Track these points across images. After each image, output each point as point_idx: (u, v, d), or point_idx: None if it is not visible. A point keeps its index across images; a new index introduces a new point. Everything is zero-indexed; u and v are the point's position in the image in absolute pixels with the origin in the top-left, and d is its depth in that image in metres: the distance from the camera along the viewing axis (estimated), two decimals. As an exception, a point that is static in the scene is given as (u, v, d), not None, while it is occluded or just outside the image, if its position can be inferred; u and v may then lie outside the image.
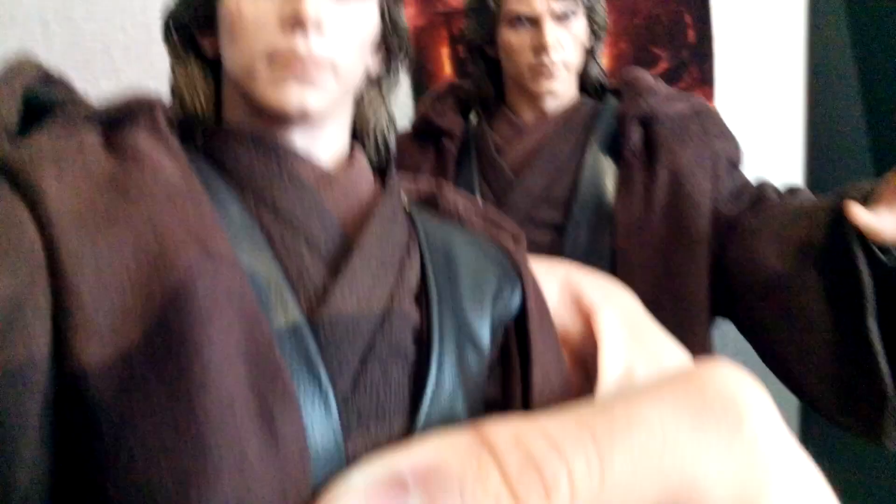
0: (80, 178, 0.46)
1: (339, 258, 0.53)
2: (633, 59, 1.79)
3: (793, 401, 0.98)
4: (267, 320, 0.43)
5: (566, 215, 1.08)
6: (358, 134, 0.67)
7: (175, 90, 0.63)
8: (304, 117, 0.57)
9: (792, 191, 1.07)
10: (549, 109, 1.13)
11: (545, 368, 0.59)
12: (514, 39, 1.09)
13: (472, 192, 1.10)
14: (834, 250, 0.88)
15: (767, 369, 0.99)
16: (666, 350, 0.67)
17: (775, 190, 1.07)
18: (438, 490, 0.21)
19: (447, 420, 0.50)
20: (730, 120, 1.65)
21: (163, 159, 0.49)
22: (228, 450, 0.38)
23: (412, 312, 0.54)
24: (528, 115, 1.15)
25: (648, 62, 1.77)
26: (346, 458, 0.44)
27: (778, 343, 0.94)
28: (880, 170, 1.55)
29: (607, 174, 1.09)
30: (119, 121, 0.52)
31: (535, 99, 1.13)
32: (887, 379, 0.82)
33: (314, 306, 0.49)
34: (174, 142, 0.53)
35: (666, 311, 1.02)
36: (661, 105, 1.08)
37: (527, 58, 1.08)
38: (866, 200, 0.86)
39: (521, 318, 0.60)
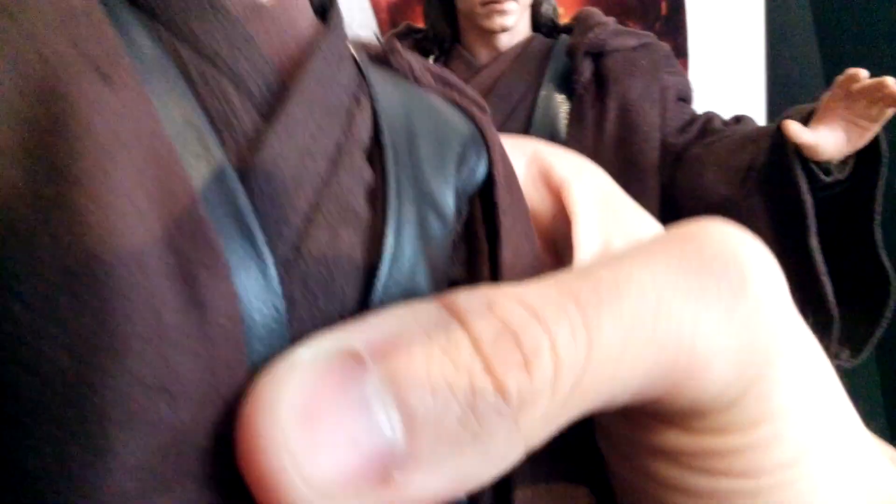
0: None
1: (275, 103, 0.44)
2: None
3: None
4: (185, 167, 0.36)
5: None
6: None
7: None
8: None
9: (738, 119, 1.10)
10: (502, 46, 1.15)
11: (515, 243, 0.52)
12: None
13: None
14: (776, 172, 0.90)
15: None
16: (642, 222, 0.68)
17: (722, 120, 1.10)
18: (400, 365, 0.18)
19: (408, 294, 0.43)
20: (702, 90, 1.65)
21: None
22: (140, 317, 0.28)
23: (364, 169, 0.46)
24: (482, 54, 1.17)
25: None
26: (289, 335, 0.37)
27: None
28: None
29: (560, 109, 1.11)
30: None
31: (488, 36, 1.14)
32: (830, 296, 0.84)
33: (245, 154, 0.41)
34: None
35: None
36: (610, 38, 1.10)
37: None
38: (807, 121, 0.88)
39: (488, 189, 0.53)
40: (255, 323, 0.37)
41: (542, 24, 1.19)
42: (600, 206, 0.63)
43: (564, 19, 1.26)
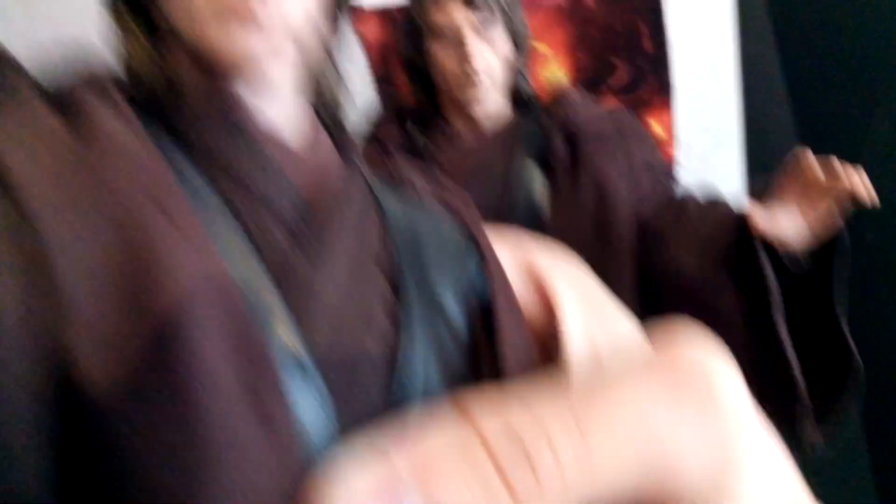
0: (48, 159, 0.45)
1: (315, 242, 0.52)
2: (592, 69, 1.82)
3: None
4: (246, 303, 0.44)
5: (501, 222, 1.12)
6: (316, 109, 0.65)
7: (119, 57, 0.60)
8: (248, 63, 0.55)
9: (711, 200, 1.14)
10: (480, 119, 1.21)
11: (512, 338, 0.58)
12: (440, 51, 1.17)
13: None
14: (741, 253, 0.94)
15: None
16: (618, 318, 0.72)
17: (689, 193, 1.15)
18: (436, 486, 0.22)
19: (424, 390, 0.52)
20: (688, 128, 1.67)
21: (125, 136, 0.48)
22: (228, 444, 0.39)
23: (384, 285, 0.54)
24: (462, 127, 1.22)
25: (607, 72, 1.79)
26: (335, 435, 0.46)
27: None
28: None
29: (538, 184, 1.16)
30: (70, 91, 0.51)
31: (465, 108, 1.20)
32: (798, 374, 0.88)
33: (297, 299, 0.50)
34: (127, 109, 0.51)
35: None
36: (581, 115, 1.16)
37: (452, 67, 1.16)
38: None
39: (484, 291, 0.60)
40: (309, 428, 0.43)
41: (519, 100, 1.24)
42: (581, 301, 0.66)
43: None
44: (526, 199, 1.14)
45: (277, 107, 0.59)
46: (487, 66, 1.16)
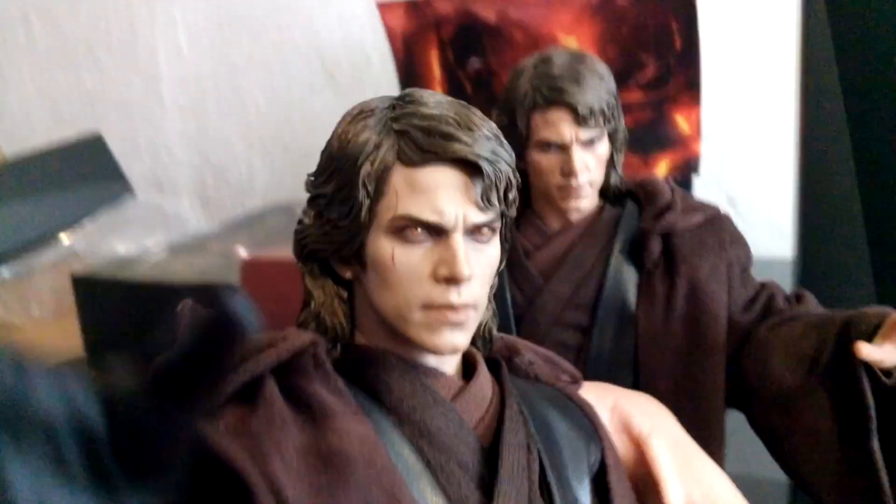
0: (295, 456, 0.62)
1: (485, 475, 0.70)
2: (621, 64, 1.81)
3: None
4: None
5: (592, 318, 1.17)
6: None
7: (312, 310, 0.73)
8: (453, 353, 0.71)
9: (798, 297, 1.17)
10: (573, 217, 1.19)
11: None
12: (544, 162, 1.14)
13: (504, 294, 1.17)
14: (840, 371, 0.98)
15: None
16: (713, 473, 0.88)
17: (784, 295, 1.18)
18: None
19: None
20: (717, 124, 1.69)
21: (348, 421, 0.65)
22: None
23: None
24: (554, 223, 1.21)
25: (635, 67, 1.79)
26: None
27: (786, 448, 1.07)
28: (863, 171, 1.60)
29: (629, 280, 1.17)
30: (290, 368, 0.66)
31: (561, 212, 1.18)
32: (888, 494, 0.93)
33: None
34: (336, 378, 0.68)
35: (685, 410, 1.12)
36: (678, 220, 1.16)
37: (555, 179, 1.14)
38: (871, 333, 0.94)
39: (601, 473, 0.79)
40: None
41: (609, 191, 1.23)
42: (677, 459, 0.83)
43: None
44: (618, 296, 1.16)
45: (455, 359, 0.75)
46: (591, 178, 1.14)
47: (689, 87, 1.75)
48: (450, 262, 0.65)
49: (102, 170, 2.32)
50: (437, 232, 0.66)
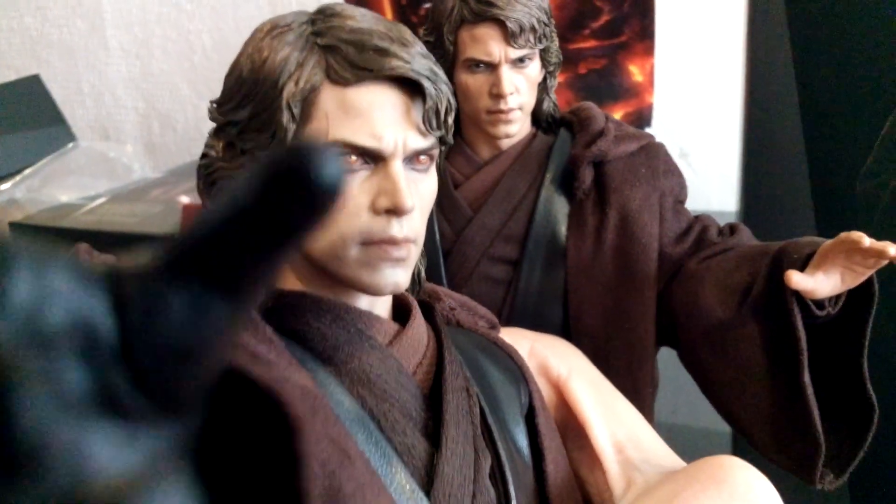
0: None
1: (428, 423, 0.67)
2: (575, 10, 1.78)
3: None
4: None
5: (521, 251, 1.13)
6: None
7: None
8: (394, 292, 0.66)
9: (732, 228, 1.15)
10: (504, 145, 1.16)
11: (554, 458, 0.77)
12: (472, 82, 1.09)
13: (431, 226, 1.13)
14: (772, 302, 0.96)
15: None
16: (629, 413, 0.88)
17: (717, 228, 1.15)
18: None
19: None
20: (671, 75, 1.66)
21: (284, 370, 0.56)
22: None
23: (488, 459, 0.70)
24: (483, 151, 1.17)
25: (590, 15, 1.76)
26: None
27: (717, 382, 1.05)
28: (809, 125, 1.60)
29: (561, 211, 1.14)
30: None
31: (491, 138, 1.14)
32: (819, 428, 0.92)
33: (425, 483, 0.64)
34: (270, 332, 0.60)
35: (616, 344, 1.12)
36: (611, 147, 1.12)
37: (484, 102, 1.09)
38: (804, 264, 0.92)
39: (531, 415, 0.78)
40: None
41: (542, 118, 1.19)
42: (598, 400, 0.83)
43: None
44: (548, 228, 1.13)
45: (388, 301, 0.70)
46: (521, 100, 1.10)
47: (644, 37, 1.73)
48: (391, 191, 0.60)
49: (42, 114, 2.27)
50: (375, 159, 0.61)
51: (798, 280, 0.89)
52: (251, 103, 0.61)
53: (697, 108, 1.82)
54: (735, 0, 1.76)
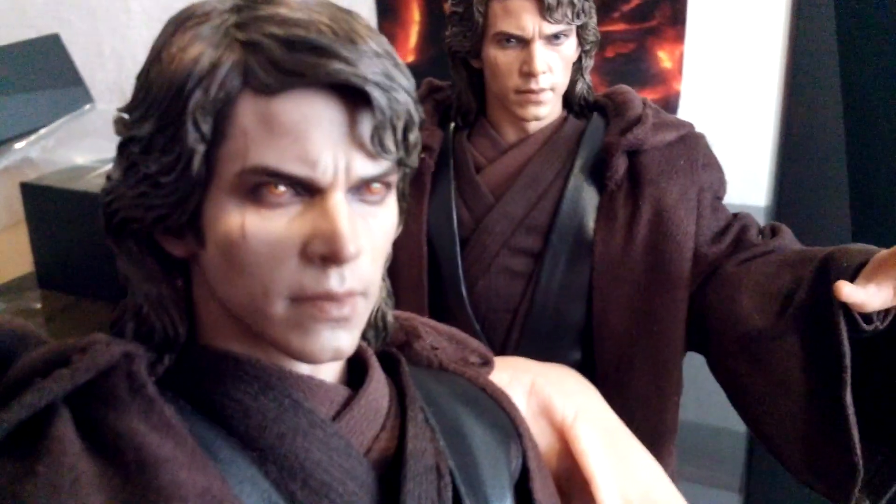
0: None
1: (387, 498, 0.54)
2: (606, -6, 1.74)
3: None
4: None
5: (545, 243, 1.06)
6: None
7: (130, 304, 0.54)
8: (337, 358, 0.51)
9: (774, 230, 1.07)
10: (531, 128, 1.08)
11: None
12: (501, 58, 1.01)
13: (449, 212, 1.07)
14: (816, 313, 0.88)
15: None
16: (646, 466, 0.77)
17: (757, 228, 1.07)
18: None
19: None
20: (701, 63, 1.59)
21: (180, 470, 0.46)
22: None
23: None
24: (510, 133, 1.09)
25: (620, -1, 1.72)
26: None
27: (749, 394, 0.97)
28: (851, 121, 1.53)
29: (589, 202, 1.06)
30: (93, 395, 0.48)
31: (518, 120, 1.06)
32: (858, 451, 0.84)
33: None
34: (170, 412, 0.49)
35: (641, 347, 1.05)
36: (648, 136, 1.04)
37: (513, 80, 1.01)
38: (854, 273, 0.85)
39: (523, 478, 0.65)
40: None
41: (574, 101, 1.11)
42: (608, 450, 0.73)
43: None
44: (575, 219, 1.05)
45: (336, 363, 0.57)
46: (554, 80, 1.02)
47: (675, 22, 1.66)
48: (328, 234, 0.46)
49: (60, 74, 2.23)
50: (309, 190, 0.47)
51: (849, 292, 0.81)
52: (154, 115, 0.48)
53: (727, 97, 1.76)
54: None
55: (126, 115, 0.50)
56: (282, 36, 0.45)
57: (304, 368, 0.54)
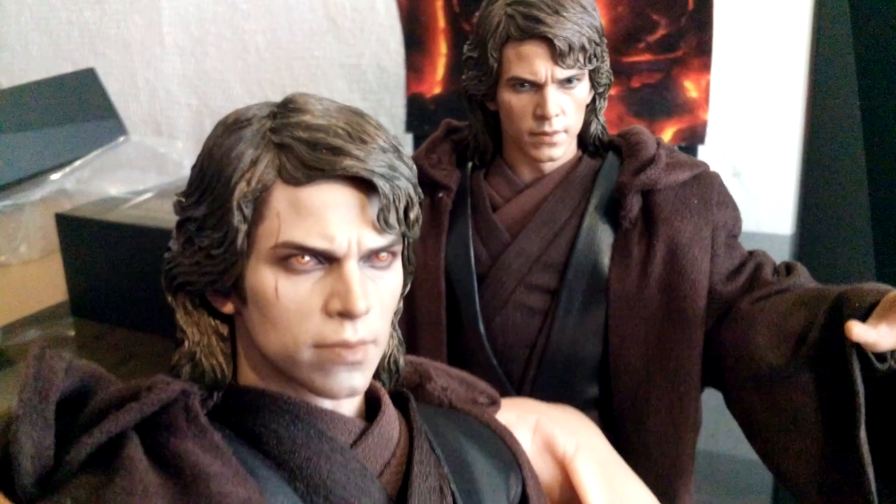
0: None
1: None
2: (631, 24, 1.73)
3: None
4: None
5: (561, 281, 1.07)
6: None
7: (186, 350, 0.65)
8: (353, 395, 0.62)
9: (789, 268, 1.07)
10: (546, 168, 1.09)
11: None
12: (515, 102, 1.02)
13: (467, 249, 1.09)
14: (829, 352, 0.89)
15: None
16: (639, 496, 0.83)
17: (773, 266, 1.07)
18: None
19: None
20: (727, 93, 1.59)
21: (227, 484, 0.55)
22: None
23: None
24: (525, 173, 1.10)
25: (646, 28, 1.71)
26: None
27: (764, 430, 0.98)
28: (872, 149, 1.53)
29: (604, 240, 1.07)
30: (157, 424, 0.58)
31: (533, 161, 1.08)
32: (873, 489, 0.84)
33: None
34: (219, 438, 0.59)
35: (657, 384, 1.05)
36: (661, 175, 1.05)
37: (527, 123, 1.02)
38: (866, 312, 0.85)
39: (523, 502, 0.74)
40: None
41: (588, 141, 1.12)
42: (605, 481, 0.80)
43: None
44: (590, 258, 1.07)
45: (354, 399, 0.67)
46: (567, 123, 1.03)
47: (701, 52, 1.66)
48: (343, 294, 0.58)
49: (95, 106, 2.29)
50: (328, 260, 0.59)
51: (860, 332, 0.81)
52: (208, 200, 0.60)
53: (753, 126, 1.75)
54: (799, 18, 1.69)
55: (183, 199, 0.63)
56: (307, 139, 0.58)
57: (327, 404, 0.64)
